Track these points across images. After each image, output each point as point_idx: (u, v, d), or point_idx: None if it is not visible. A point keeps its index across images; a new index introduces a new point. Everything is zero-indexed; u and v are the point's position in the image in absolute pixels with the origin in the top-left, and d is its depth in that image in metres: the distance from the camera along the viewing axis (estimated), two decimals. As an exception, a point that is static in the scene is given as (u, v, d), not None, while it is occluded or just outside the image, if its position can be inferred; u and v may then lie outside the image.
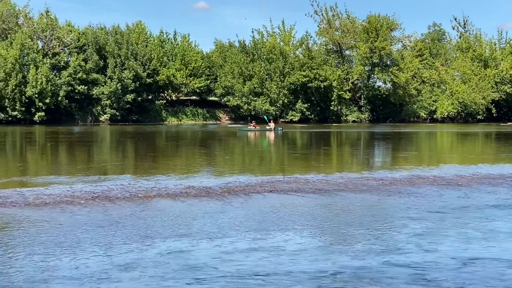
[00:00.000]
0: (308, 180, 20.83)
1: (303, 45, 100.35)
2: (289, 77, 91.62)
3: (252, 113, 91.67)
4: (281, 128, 62.27)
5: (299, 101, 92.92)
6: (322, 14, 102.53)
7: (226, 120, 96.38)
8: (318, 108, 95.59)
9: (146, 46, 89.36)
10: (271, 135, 53.61)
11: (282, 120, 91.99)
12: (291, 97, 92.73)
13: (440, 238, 12.19)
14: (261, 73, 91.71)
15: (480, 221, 13.94)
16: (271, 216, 14.60)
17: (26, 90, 74.57)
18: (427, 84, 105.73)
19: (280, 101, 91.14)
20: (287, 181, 20.50)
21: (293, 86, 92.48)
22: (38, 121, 75.11)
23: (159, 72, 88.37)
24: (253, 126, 60.87)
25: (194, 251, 11.17)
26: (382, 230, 13.07)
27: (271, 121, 65.16)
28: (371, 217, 14.57)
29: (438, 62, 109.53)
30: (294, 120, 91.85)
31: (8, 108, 75.11)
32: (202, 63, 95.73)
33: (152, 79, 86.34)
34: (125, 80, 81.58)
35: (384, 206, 16.27)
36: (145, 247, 11.38)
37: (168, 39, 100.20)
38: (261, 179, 21.23)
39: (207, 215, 14.62)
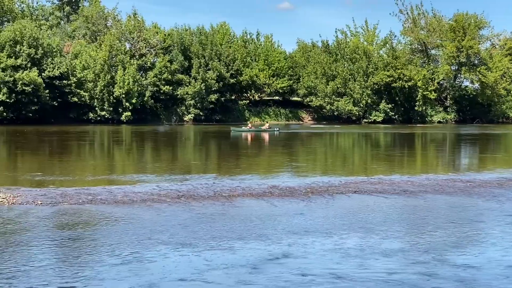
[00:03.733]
0: (393, 181, 20.50)
1: (387, 45, 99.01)
2: (372, 77, 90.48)
3: (335, 114, 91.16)
4: (277, 128, 60.47)
5: (383, 101, 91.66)
6: (407, 13, 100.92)
7: (309, 120, 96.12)
8: (402, 109, 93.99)
9: (230, 46, 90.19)
10: (266, 136, 52.80)
11: (365, 120, 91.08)
12: (374, 97, 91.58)
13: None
14: (344, 73, 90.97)
15: None
16: (355, 217, 14.42)
17: (113, 90, 76.54)
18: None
19: (363, 101, 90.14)
20: (371, 182, 20.23)
21: (376, 86, 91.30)
22: (125, 120, 76.96)
23: (242, 72, 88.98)
24: (249, 126, 60.07)
25: (280, 250, 11.15)
26: (471, 234, 12.69)
27: (266, 122, 64.60)
28: (459, 220, 14.18)
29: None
30: (377, 120, 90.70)
31: (97, 108, 77.32)
32: (285, 63, 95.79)
33: (235, 79, 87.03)
34: (209, 81, 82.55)
35: (473, 209, 15.80)
36: (230, 247, 11.44)
37: (251, 40, 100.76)
38: (345, 179, 21.05)
39: (291, 215, 14.58)
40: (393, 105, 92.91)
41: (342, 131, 63.61)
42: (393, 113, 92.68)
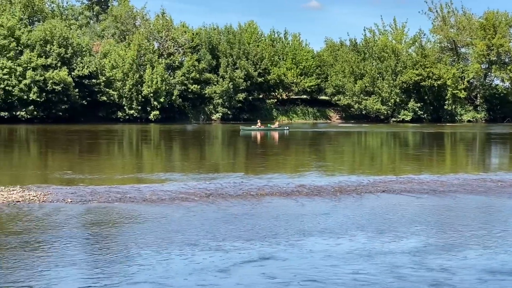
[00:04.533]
0: (422, 181, 20.33)
1: (416, 43, 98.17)
2: (401, 75, 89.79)
3: (363, 112, 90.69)
4: (287, 127, 60.03)
5: (412, 100, 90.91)
6: (436, 11, 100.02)
7: (337, 119, 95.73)
8: (431, 107, 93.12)
9: (258, 45, 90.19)
10: (275, 134, 52.45)
11: (393, 119, 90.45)
12: (403, 96, 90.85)
13: None
14: (372, 71, 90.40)
15: None
16: (384, 217, 14.33)
17: (142, 89, 76.97)
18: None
19: (392, 100, 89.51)
20: (400, 181, 20.09)
21: (405, 85, 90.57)
22: (153, 119, 77.37)
23: (270, 71, 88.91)
24: (259, 125, 59.78)
25: (307, 250, 11.12)
26: (502, 235, 12.53)
27: (275, 121, 63.93)
28: (489, 221, 14.02)
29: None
30: (406, 119, 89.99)
31: (125, 107, 77.80)
32: (312, 62, 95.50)
33: (263, 78, 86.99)
34: (236, 79, 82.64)
35: (504, 209, 15.61)
36: (257, 246, 11.44)
37: (279, 38, 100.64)
38: (373, 178, 20.92)
39: (319, 214, 14.54)
40: (422, 104, 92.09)
41: (370, 130, 63.27)
42: (422, 112, 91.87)
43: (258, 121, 63.20)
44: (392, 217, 14.28)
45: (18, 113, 69.37)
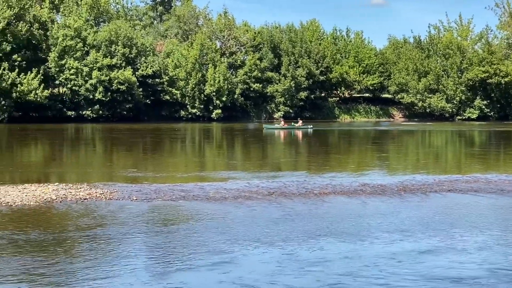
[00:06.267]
0: (489, 180, 19.84)
1: (482, 40, 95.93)
2: (467, 73, 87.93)
3: (427, 111, 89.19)
4: (311, 126, 58.89)
5: (478, 98, 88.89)
6: (503, 6, 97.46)
7: (400, 117, 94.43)
8: (498, 105, 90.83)
9: (320, 43, 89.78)
10: (299, 133, 51.50)
11: (459, 117, 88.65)
12: (468, 94, 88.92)
13: None
14: (437, 69, 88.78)
15: None
16: (451, 216, 14.06)
17: (204, 88, 77.62)
18: None
19: (457, 98, 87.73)
20: (466, 181, 19.66)
21: (471, 82, 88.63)
22: (215, 118, 77.93)
23: (332, 69, 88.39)
24: (282, 124, 58.84)
25: (373, 249, 11.01)
26: None
27: (299, 119, 62.54)
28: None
29: None
30: (471, 117, 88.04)
31: (188, 106, 78.60)
32: (375, 60, 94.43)
33: (325, 76, 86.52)
34: (298, 78, 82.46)
35: None
36: (321, 245, 11.38)
37: (341, 36, 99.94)
38: (438, 177, 20.55)
39: (383, 213, 14.37)
40: (488, 101, 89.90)
41: (435, 129, 62.22)
42: (488, 110, 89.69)
43: (282, 119, 62.84)
44: (459, 216, 14.01)
45: (84, 112, 70.96)
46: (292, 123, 60.97)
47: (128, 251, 10.80)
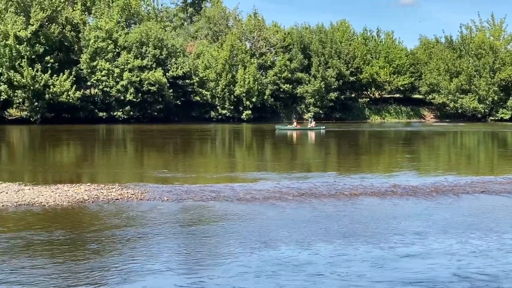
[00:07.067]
0: (524, 182, 19.57)
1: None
2: (499, 73, 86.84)
3: (459, 111, 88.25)
4: (323, 127, 58.28)
5: (510, 98, 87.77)
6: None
7: (431, 118, 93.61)
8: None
9: (350, 44, 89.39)
10: (312, 134, 50.91)
11: (491, 118, 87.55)
12: (501, 94, 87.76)
13: None
14: (469, 69, 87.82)
15: None
16: (484, 218, 13.90)
17: (234, 89, 77.78)
18: None
19: (490, 98, 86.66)
20: (499, 182, 19.42)
21: (504, 83, 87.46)
22: (245, 119, 78.01)
23: (362, 70, 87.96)
24: (295, 125, 58.27)
25: (404, 251, 10.93)
26: None
27: (312, 120, 61.71)
28: None
29: None
30: (504, 118, 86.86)
31: (218, 107, 78.84)
32: (406, 60, 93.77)
33: (355, 77, 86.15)
34: (328, 79, 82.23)
35: None
36: (351, 246, 11.33)
37: (372, 37, 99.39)
38: (471, 179, 20.33)
39: (415, 214, 14.26)
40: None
41: (467, 130, 61.55)
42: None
43: (294, 120, 62.49)
44: (492, 218, 13.83)
45: (115, 113, 71.56)
46: (308, 122, 60.49)
47: (160, 251, 10.88)
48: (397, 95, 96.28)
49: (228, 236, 12.04)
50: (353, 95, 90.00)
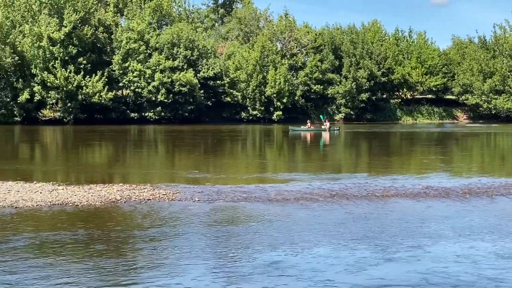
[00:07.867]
0: (559, 184, 19.24)
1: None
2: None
3: (493, 112, 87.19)
4: (337, 128, 57.65)
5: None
6: None
7: (464, 119, 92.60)
8: None
9: (381, 44, 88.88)
10: (326, 136, 50.26)
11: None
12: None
13: None
14: (503, 69, 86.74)
15: None
16: (518, 221, 13.70)
17: (265, 90, 77.86)
18: None
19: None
20: (535, 184, 19.12)
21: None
22: (276, 120, 78.00)
23: (394, 70, 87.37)
24: (309, 126, 57.57)
25: (439, 253, 10.82)
26: None
27: (326, 121, 60.89)
28: None
29: None
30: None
31: (249, 108, 78.97)
32: (438, 60, 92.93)
33: (386, 78, 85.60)
34: (359, 79, 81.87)
35: None
36: (383, 247, 11.25)
37: (404, 37, 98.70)
38: (505, 180, 20.06)
39: (448, 216, 14.11)
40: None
41: (500, 131, 60.75)
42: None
43: (308, 121, 62.02)
44: (526, 222, 13.64)
45: (147, 114, 72.10)
46: (324, 123, 59.79)
47: (191, 251, 10.92)
48: (430, 96, 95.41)
49: (259, 237, 12.03)
50: (384, 96, 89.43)
